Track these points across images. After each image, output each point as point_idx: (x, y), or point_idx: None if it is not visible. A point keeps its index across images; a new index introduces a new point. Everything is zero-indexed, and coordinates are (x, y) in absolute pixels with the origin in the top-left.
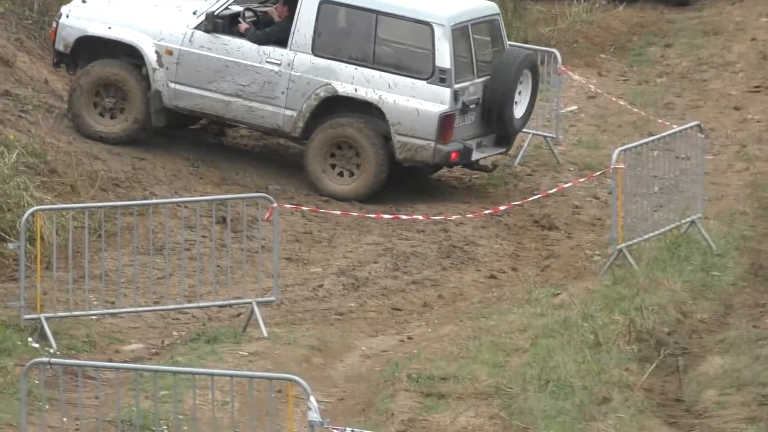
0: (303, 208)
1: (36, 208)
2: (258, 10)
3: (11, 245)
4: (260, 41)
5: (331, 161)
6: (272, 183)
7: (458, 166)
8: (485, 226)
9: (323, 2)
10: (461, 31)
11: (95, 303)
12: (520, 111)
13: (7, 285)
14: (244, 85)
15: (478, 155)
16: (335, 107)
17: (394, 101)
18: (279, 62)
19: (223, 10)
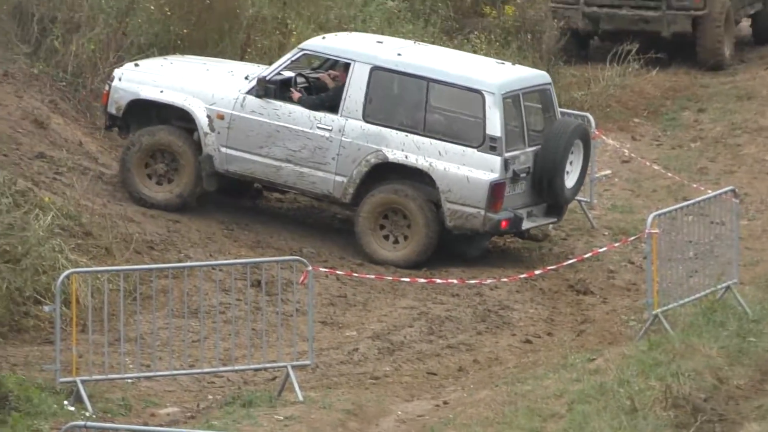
0: (338, 272)
1: (71, 271)
2: (310, 76)
3: (47, 308)
4: (313, 107)
5: (382, 228)
6: (306, 246)
7: (508, 236)
8: (520, 291)
9: (375, 69)
10: (512, 100)
11: (131, 366)
12: (572, 180)
13: (43, 348)
14: (295, 151)
15: (529, 224)
16: (385, 174)
17: (445, 169)
18: (330, 128)
19: (275, 75)
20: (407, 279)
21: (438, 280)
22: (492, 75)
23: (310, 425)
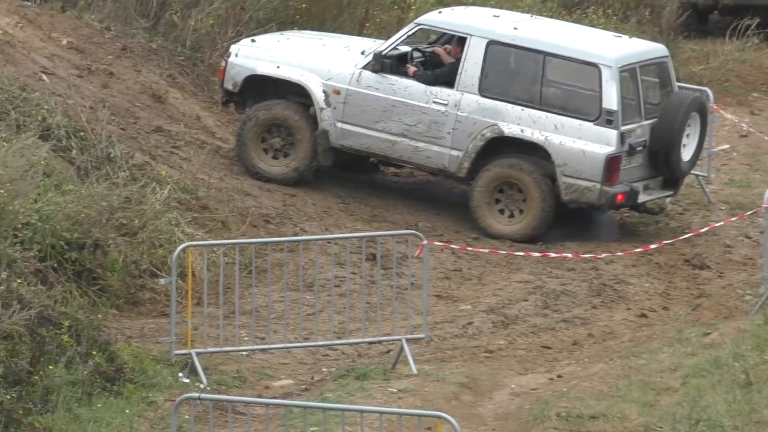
0: (452, 246)
1: (187, 244)
2: (426, 51)
3: (163, 281)
4: (428, 82)
5: (497, 202)
6: (422, 220)
7: (625, 209)
8: (636, 265)
9: (491, 43)
10: (629, 73)
11: (245, 339)
12: (688, 153)
13: (159, 320)
14: (411, 125)
15: (645, 198)
16: (501, 148)
17: (560, 142)
18: (446, 102)
19: (391, 50)
20: (522, 253)
21: (552, 254)
22: (609, 48)
23: (424, 398)
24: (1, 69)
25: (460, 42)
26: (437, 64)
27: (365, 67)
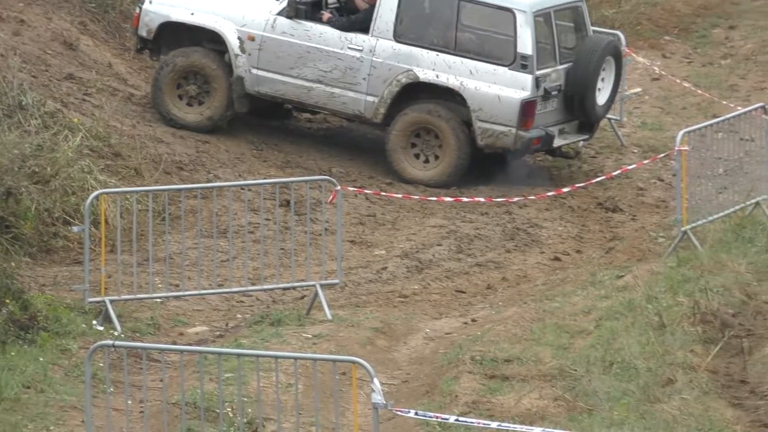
0: (366, 191)
1: (100, 192)
2: None
3: (75, 228)
4: (343, 28)
5: (413, 146)
6: (335, 166)
7: (540, 153)
8: (549, 209)
9: None
10: (544, 18)
11: (159, 286)
12: (603, 98)
13: (72, 268)
14: (326, 71)
15: (561, 142)
16: (416, 93)
17: (476, 87)
18: (361, 48)
19: None
20: (435, 198)
21: (465, 199)
22: None
23: (339, 343)
24: None
25: None
26: (352, 10)
27: (280, 14)
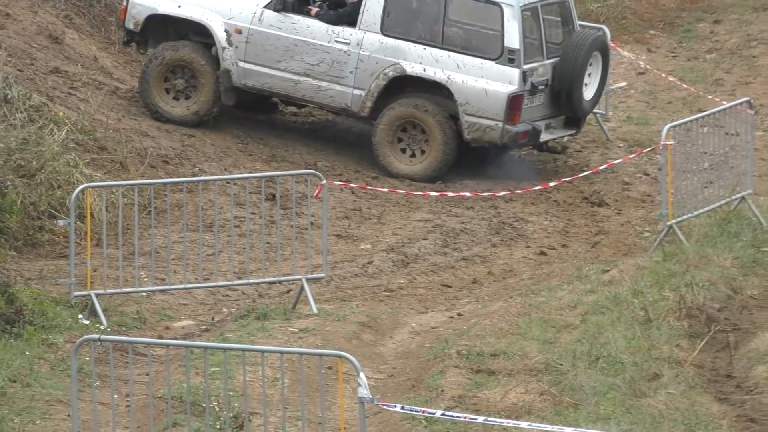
0: (352, 185)
1: (86, 185)
2: None
3: (61, 222)
4: (331, 21)
5: (399, 142)
6: (321, 160)
7: (527, 148)
8: (535, 203)
9: None
10: (531, 12)
11: (145, 280)
12: (590, 93)
13: (58, 262)
14: (313, 65)
15: (547, 136)
16: (403, 87)
17: (463, 81)
18: (348, 42)
19: None
20: (421, 192)
21: (450, 193)
22: None
23: (325, 337)
24: None
25: None
26: (340, 4)
27: (267, 6)
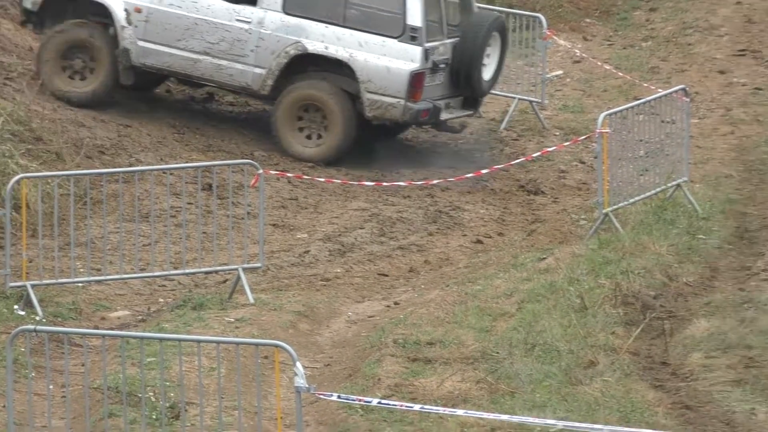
0: (288, 175)
1: (21, 176)
2: None
3: None
4: (232, 0)
5: (299, 124)
6: (258, 149)
7: (426, 127)
8: (471, 192)
9: None
10: None
11: (81, 270)
12: (489, 73)
13: None
14: (213, 43)
15: (446, 116)
16: (305, 66)
17: (365, 59)
18: (249, 20)
19: None
20: (356, 182)
21: (386, 183)
22: None
23: (261, 327)
24: None
25: None
26: None
27: None
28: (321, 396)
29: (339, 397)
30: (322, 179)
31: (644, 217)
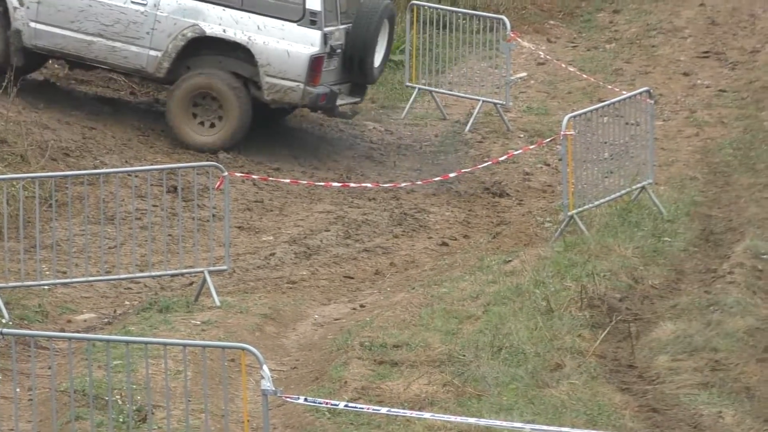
0: (253, 177)
1: None
2: None
3: None
4: None
5: (194, 111)
6: (222, 151)
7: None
8: (436, 194)
9: None
10: None
11: (47, 273)
12: (378, 60)
13: None
14: (108, 25)
15: (339, 102)
16: (202, 49)
17: (264, 42)
18: (145, 3)
19: None
20: (322, 183)
21: (352, 184)
22: None
23: (227, 329)
24: None
25: None
26: None
27: None
28: (288, 399)
29: (306, 400)
30: (287, 181)
31: (609, 220)
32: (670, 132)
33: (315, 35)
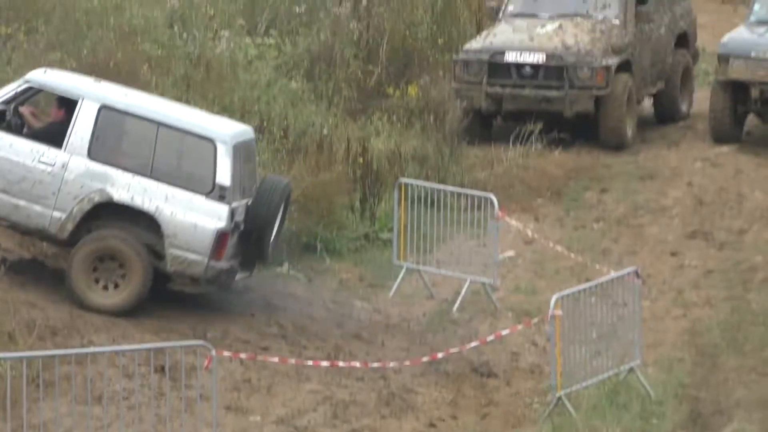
0: (241, 356)
1: None
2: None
3: None
4: (35, 137)
5: (95, 274)
6: (210, 329)
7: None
8: (424, 374)
9: (103, 107)
10: (236, 151)
11: None
12: (272, 238)
13: None
14: (13, 182)
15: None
16: (107, 214)
17: (172, 213)
18: (53, 163)
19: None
20: (311, 362)
21: (341, 364)
22: (222, 125)
23: None
24: None
25: (66, 103)
26: (22, 122)
27: None
28: None
29: None
30: (276, 359)
31: (597, 401)
32: (658, 312)
33: (223, 210)
